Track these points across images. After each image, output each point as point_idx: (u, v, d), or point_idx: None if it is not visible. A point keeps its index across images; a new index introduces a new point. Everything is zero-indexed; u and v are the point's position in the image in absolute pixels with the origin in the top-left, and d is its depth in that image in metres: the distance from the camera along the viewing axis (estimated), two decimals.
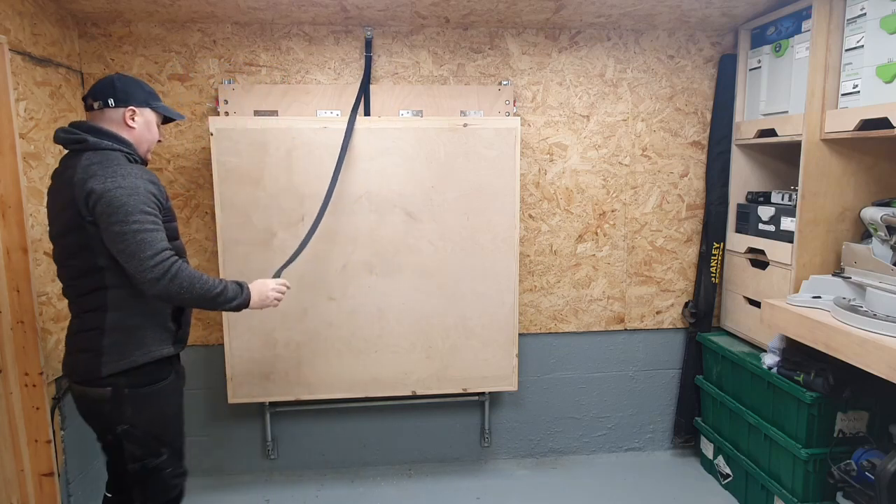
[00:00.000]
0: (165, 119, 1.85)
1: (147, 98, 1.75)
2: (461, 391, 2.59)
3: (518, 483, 2.73)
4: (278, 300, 1.89)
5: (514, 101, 2.62)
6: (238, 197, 2.37)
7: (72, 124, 1.67)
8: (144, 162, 1.76)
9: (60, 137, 1.65)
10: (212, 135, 2.33)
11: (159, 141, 1.83)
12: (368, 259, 2.46)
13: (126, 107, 1.70)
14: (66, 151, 1.69)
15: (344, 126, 2.38)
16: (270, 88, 2.49)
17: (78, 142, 1.63)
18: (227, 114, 2.47)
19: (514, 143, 2.46)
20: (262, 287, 1.84)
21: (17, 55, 2.00)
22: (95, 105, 1.69)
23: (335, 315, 2.47)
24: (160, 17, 2.40)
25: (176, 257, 1.62)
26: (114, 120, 1.69)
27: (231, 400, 2.48)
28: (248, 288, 1.78)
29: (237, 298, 1.74)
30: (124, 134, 1.70)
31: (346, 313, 2.47)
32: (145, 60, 2.47)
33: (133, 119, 1.71)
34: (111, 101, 1.68)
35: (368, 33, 2.53)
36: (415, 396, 2.67)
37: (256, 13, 2.37)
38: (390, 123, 2.44)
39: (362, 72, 2.55)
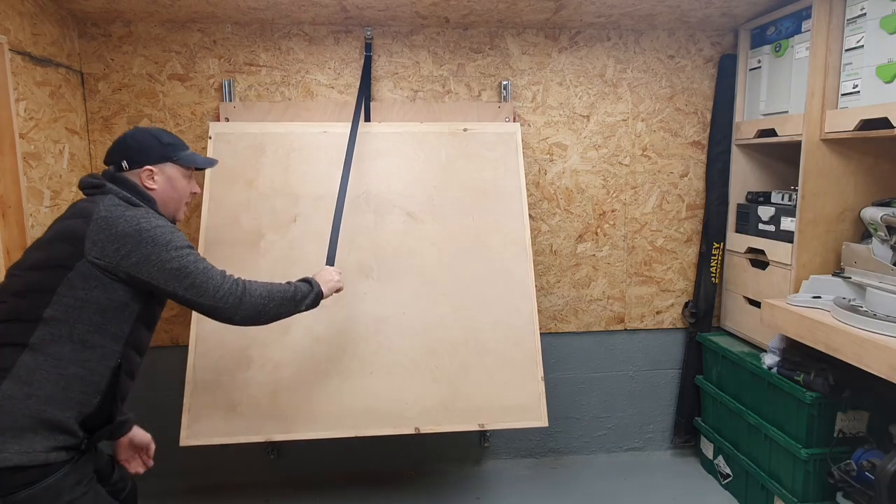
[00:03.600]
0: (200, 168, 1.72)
1: (165, 151, 1.59)
2: (477, 428, 2.11)
3: (518, 483, 2.73)
4: (342, 284, 1.85)
5: (514, 118, 2.61)
6: (228, 198, 2.27)
7: (101, 174, 1.56)
8: (174, 223, 1.63)
9: (81, 181, 1.54)
10: (210, 138, 2.33)
11: (194, 194, 1.69)
12: (365, 262, 2.27)
13: (141, 167, 1.55)
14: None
15: (343, 130, 2.36)
16: (271, 106, 2.49)
17: (95, 186, 1.50)
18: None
19: (516, 148, 2.44)
20: (326, 276, 1.79)
21: (17, 55, 2.00)
22: (110, 170, 1.55)
23: (325, 327, 2.16)
24: (160, 17, 2.40)
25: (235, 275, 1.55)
26: (129, 184, 1.53)
27: (183, 442, 1.97)
28: (315, 280, 1.73)
29: (312, 292, 1.68)
30: (148, 193, 1.56)
31: (338, 325, 2.16)
32: (145, 60, 2.47)
33: (152, 179, 1.56)
34: (125, 164, 1.54)
35: (368, 33, 2.53)
36: (418, 435, 2.14)
37: (256, 13, 2.37)
38: (390, 128, 2.43)
39: (361, 72, 2.55)
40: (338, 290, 1.85)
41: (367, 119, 2.52)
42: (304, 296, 1.67)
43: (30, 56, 2.08)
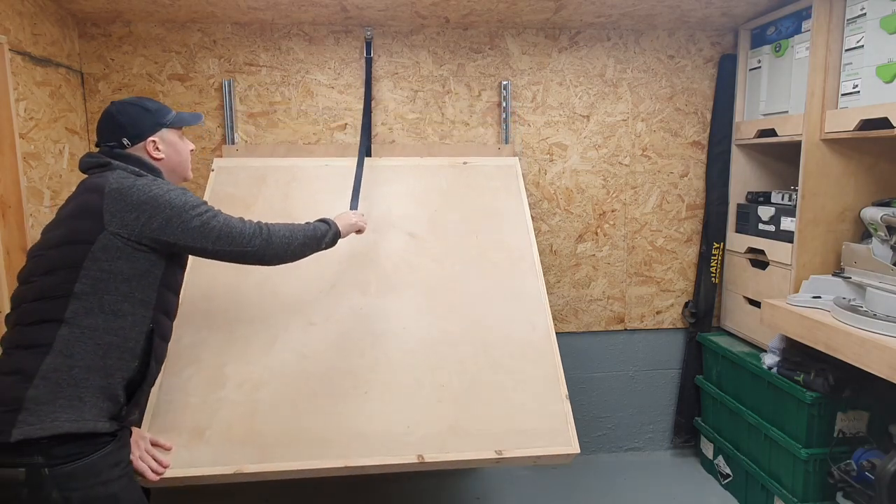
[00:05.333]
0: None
1: (156, 118, 1.60)
2: (493, 455, 1.71)
3: (518, 483, 2.73)
4: (362, 224, 1.94)
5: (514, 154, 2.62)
6: None
7: (99, 153, 1.56)
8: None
9: (83, 162, 1.55)
10: (212, 171, 2.34)
11: (192, 150, 1.73)
12: (363, 278, 2.10)
13: (144, 140, 1.57)
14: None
15: (346, 163, 2.39)
16: (273, 148, 2.51)
17: (101, 164, 1.52)
18: None
19: (516, 176, 2.45)
20: (345, 217, 1.87)
21: (17, 55, 2.00)
22: (110, 147, 1.55)
23: (314, 344, 1.93)
24: (160, 17, 2.40)
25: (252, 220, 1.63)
26: (135, 159, 1.55)
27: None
28: (332, 220, 1.80)
29: (330, 230, 1.76)
30: (154, 164, 1.59)
31: (330, 340, 1.93)
32: (145, 60, 2.47)
33: (158, 149, 1.59)
34: (126, 141, 1.55)
35: (368, 33, 2.53)
36: (422, 465, 1.70)
37: (256, 13, 2.37)
38: (391, 161, 2.45)
39: (363, 79, 2.56)
40: (359, 231, 1.93)
41: (368, 154, 2.53)
42: (324, 233, 1.74)
43: (30, 56, 2.08)
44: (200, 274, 2.07)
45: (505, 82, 2.62)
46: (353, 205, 2.13)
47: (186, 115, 1.70)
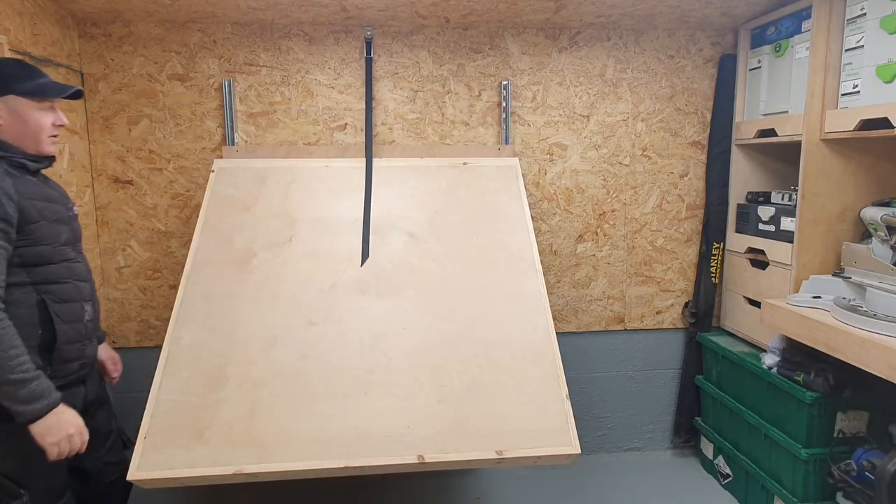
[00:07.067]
0: (74, 95, 1.58)
1: (5, 84, 1.47)
2: (494, 455, 1.72)
3: (518, 483, 2.73)
4: (71, 441, 1.47)
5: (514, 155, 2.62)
6: (224, 222, 2.23)
7: None
8: (39, 161, 1.56)
9: None
10: (213, 172, 2.35)
11: (61, 125, 1.57)
12: (362, 279, 2.12)
13: None
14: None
15: (346, 164, 2.43)
16: (273, 150, 2.51)
17: None
18: None
19: (516, 176, 2.46)
20: (60, 416, 1.45)
21: (18, 55, 2.00)
22: None
23: (314, 344, 1.95)
24: (160, 17, 2.40)
25: None
26: None
27: (132, 475, 1.63)
28: (55, 400, 1.43)
29: (34, 401, 1.39)
30: None
31: (329, 342, 1.95)
32: (145, 60, 2.47)
33: None
34: None
35: (368, 33, 2.53)
36: (423, 465, 1.73)
37: (256, 13, 2.37)
38: (390, 163, 2.47)
39: (363, 79, 2.56)
40: (64, 445, 1.47)
41: (369, 121, 2.54)
42: (21, 398, 1.39)
43: (30, 56, 2.08)
44: (200, 274, 2.08)
45: (505, 82, 2.62)
46: (365, 252, 2.08)
47: (49, 88, 1.54)
